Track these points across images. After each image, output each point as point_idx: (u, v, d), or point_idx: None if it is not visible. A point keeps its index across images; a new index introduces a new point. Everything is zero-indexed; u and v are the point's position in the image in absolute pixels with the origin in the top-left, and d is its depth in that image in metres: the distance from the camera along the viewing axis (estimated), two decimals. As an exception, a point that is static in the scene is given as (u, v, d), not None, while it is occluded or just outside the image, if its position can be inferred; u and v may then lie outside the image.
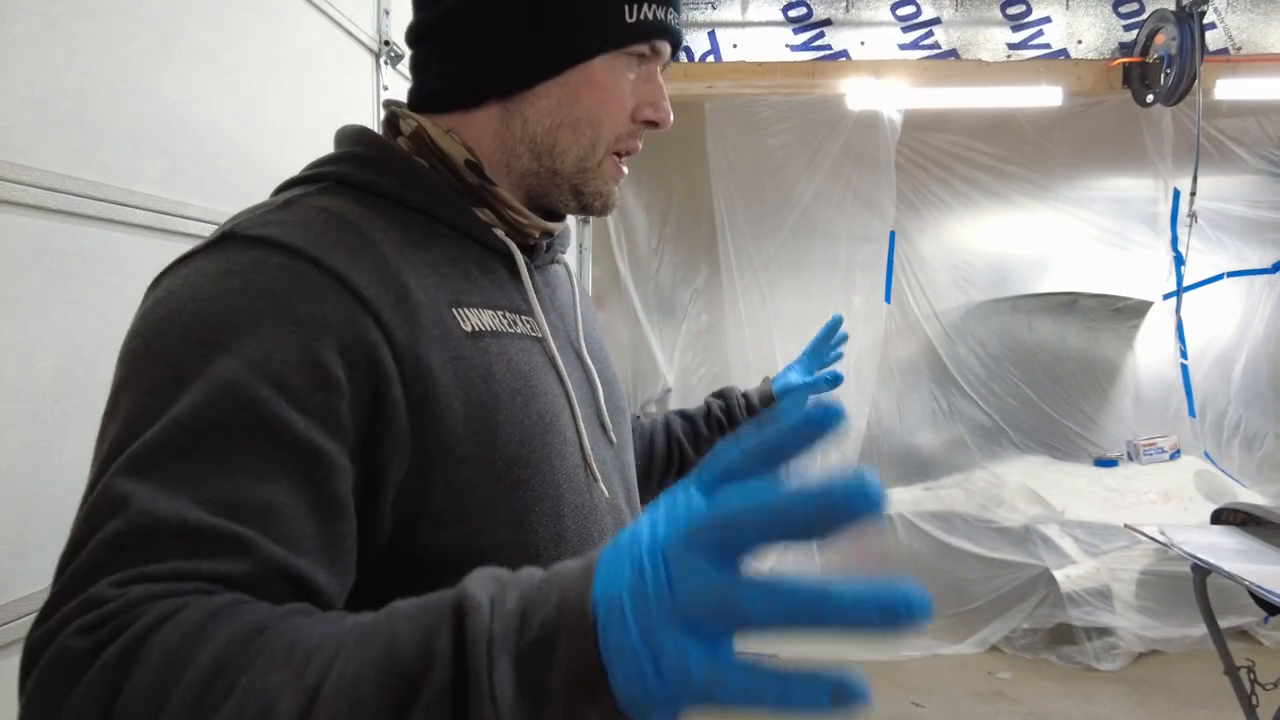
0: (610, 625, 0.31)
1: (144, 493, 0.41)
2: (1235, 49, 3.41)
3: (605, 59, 0.60)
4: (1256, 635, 3.04)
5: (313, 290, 0.48)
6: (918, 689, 2.81)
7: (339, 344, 0.47)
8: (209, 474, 0.42)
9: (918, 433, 3.64)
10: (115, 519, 0.40)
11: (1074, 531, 3.07)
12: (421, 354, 0.51)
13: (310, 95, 1.39)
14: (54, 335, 0.89)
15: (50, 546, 0.88)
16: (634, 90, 0.62)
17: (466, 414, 0.52)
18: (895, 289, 3.60)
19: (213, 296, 0.47)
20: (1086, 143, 3.53)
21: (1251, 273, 3.58)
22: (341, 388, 0.47)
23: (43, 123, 0.87)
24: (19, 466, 0.85)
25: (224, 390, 0.44)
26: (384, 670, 0.33)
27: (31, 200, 0.86)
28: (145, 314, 0.50)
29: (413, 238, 0.56)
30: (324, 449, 0.45)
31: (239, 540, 0.41)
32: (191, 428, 0.43)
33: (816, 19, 3.53)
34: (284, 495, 0.44)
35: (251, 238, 0.50)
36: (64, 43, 0.90)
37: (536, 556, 0.55)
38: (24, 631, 0.85)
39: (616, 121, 0.62)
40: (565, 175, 0.62)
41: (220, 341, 0.45)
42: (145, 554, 0.40)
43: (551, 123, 0.61)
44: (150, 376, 0.46)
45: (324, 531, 0.45)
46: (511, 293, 0.61)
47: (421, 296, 0.53)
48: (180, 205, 1.08)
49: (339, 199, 0.55)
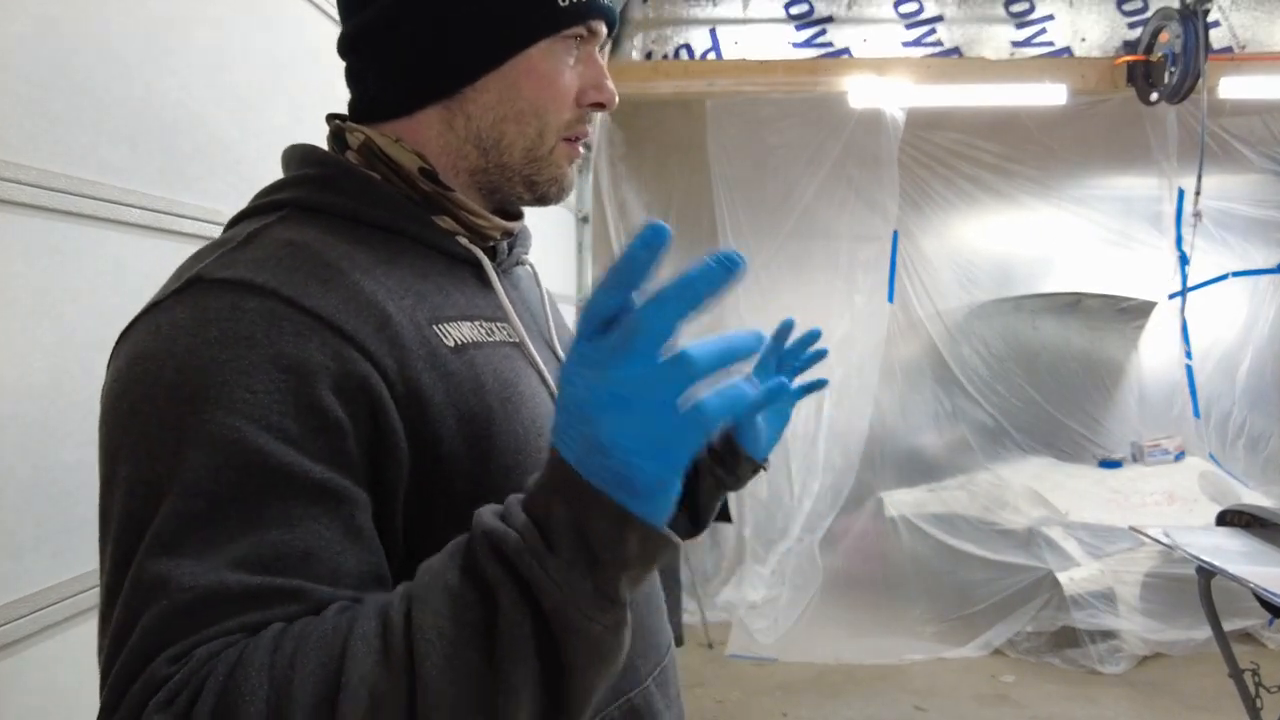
0: (585, 460, 0.38)
1: (180, 569, 0.41)
2: (1240, 47, 3.40)
3: (543, 46, 0.58)
4: (1261, 638, 3.02)
5: (294, 332, 0.47)
6: (921, 692, 2.80)
7: (331, 383, 0.47)
8: (239, 536, 0.42)
9: (921, 434, 3.63)
10: (156, 603, 0.40)
11: (1078, 533, 3.05)
12: (411, 378, 0.50)
13: (310, 95, 1.38)
14: (51, 335, 0.89)
15: (45, 547, 0.88)
16: (576, 74, 0.61)
17: (461, 430, 0.52)
18: (898, 288, 3.59)
19: (191, 349, 0.45)
20: (1090, 141, 3.51)
21: (1256, 272, 3.56)
22: (344, 426, 0.47)
23: (41, 121, 0.87)
24: (15, 467, 0.85)
25: (231, 449, 0.43)
26: (456, 610, 0.38)
27: (30, 200, 0.85)
28: (122, 373, 0.48)
29: (380, 257, 0.55)
30: (342, 488, 0.46)
31: (286, 591, 0.42)
32: (210, 494, 0.43)
33: (819, 16, 3.51)
34: (315, 538, 0.44)
35: (221, 281, 0.48)
36: (64, 43, 0.90)
37: None
38: (20, 633, 0.84)
39: (561, 107, 0.60)
40: (515, 168, 0.61)
41: (211, 397, 0.44)
42: (194, 627, 0.40)
43: (495, 116, 0.59)
44: (146, 443, 0.45)
45: (359, 566, 0.46)
46: (483, 300, 0.61)
47: (401, 319, 0.52)
48: (179, 205, 1.08)
49: (300, 228, 0.54)
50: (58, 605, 0.89)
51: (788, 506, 3.44)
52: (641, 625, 0.62)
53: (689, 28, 3.56)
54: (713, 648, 3.19)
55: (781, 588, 3.34)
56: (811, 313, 3.50)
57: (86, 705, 0.90)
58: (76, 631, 0.91)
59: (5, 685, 0.83)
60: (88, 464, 0.91)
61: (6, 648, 0.83)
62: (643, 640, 0.63)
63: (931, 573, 3.23)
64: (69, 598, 0.90)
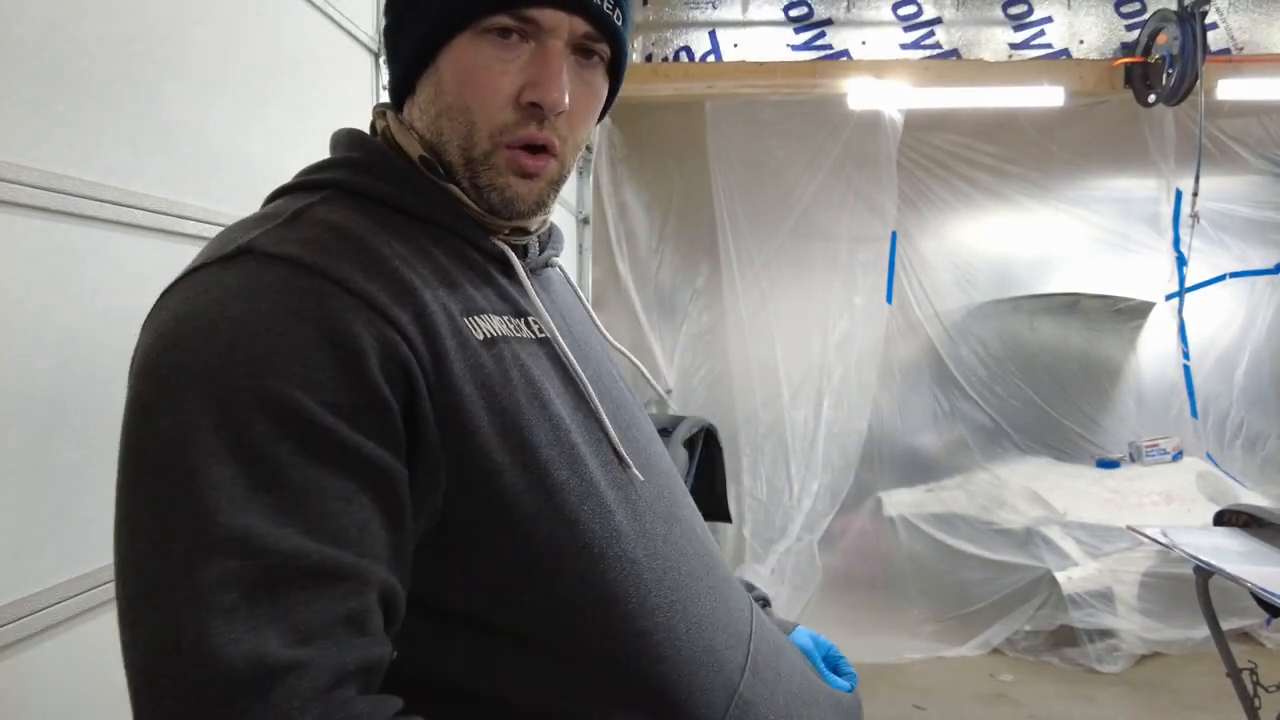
0: None
1: (258, 529, 0.41)
2: (1237, 49, 3.41)
3: (467, 40, 0.55)
4: (1259, 637, 3.03)
5: (343, 311, 0.48)
6: (919, 691, 2.80)
7: (379, 363, 0.48)
8: (310, 503, 0.43)
9: (919, 434, 3.64)
10: (237, 557, 0.41)
11: (1076, 533, 3.06)
12: (444, 369, 0.51)
13: (310, 95, 1.38)
14: (53, 336, 0.89)
15: (48, 548, 0.88)
16: (516, 71, 0.56)
17: (494, 423, 0.52)
18: (897, 289, 3.60)
19: (245, 316, 0.46)
20: (1088, 143, 3.52)
21: (1254, 273, 3.57)
22: (391, 405, 0.48)
23: (42, 123, 0.87)
24: (17, 469, 0.85)
25: (289, 417, 0.44)
26: None
27: (31, 200, 0.85)
28: (168, 328, 0.47)
29: (417, 246, 0.56)
30: (391, 465, 0.47)
31: (355, 572, 0.44)
32: (276, 460, 0.43)
33: (817, 18, 3.52)
34: (368, 512, 0.45)
35: (273, 255, 0.49)
36: (64, 43, 0.90)
37: (600, 555, 0.54)
38: (23, 633, 0.85)
39: (489, 105, 0.56)
40: (458, 169, 0.58)
41: (269, 366, 0.45)
42: (276, 598, 0.41)
43: (435, 111, 0.58)
44: (200, 399, 0.44)
45: (394, 540, 0.47)
46: (512, 295, 0.61)
47: (436, 309, 0.52)
48: (180, 205, 1.08)
49: (343, 210, 0.55)
50: (60, 605, 0.89)
51: (787, 506, 3.44)
52: (709, 619, 0.59)
53: (689, 30, 3.56)
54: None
55: (781, 587, 3.35)
56: (810, 313, 3.50)
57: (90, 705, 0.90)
58: (80, 632, 0.91)
59: (7, 685, 0.83)
60: (90, 464, 0.92)
61: (9, 648, 0.83)
62: (720, 632, 0.59)
63: (930, 572, 3.24)
64: (71, 597, 0.91)
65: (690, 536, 0.63)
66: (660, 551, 0.58)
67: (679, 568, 0.59)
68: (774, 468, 3.45)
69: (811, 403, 3.45)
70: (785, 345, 3.48)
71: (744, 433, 3.47)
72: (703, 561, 0.63)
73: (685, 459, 2.70)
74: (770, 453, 3.46)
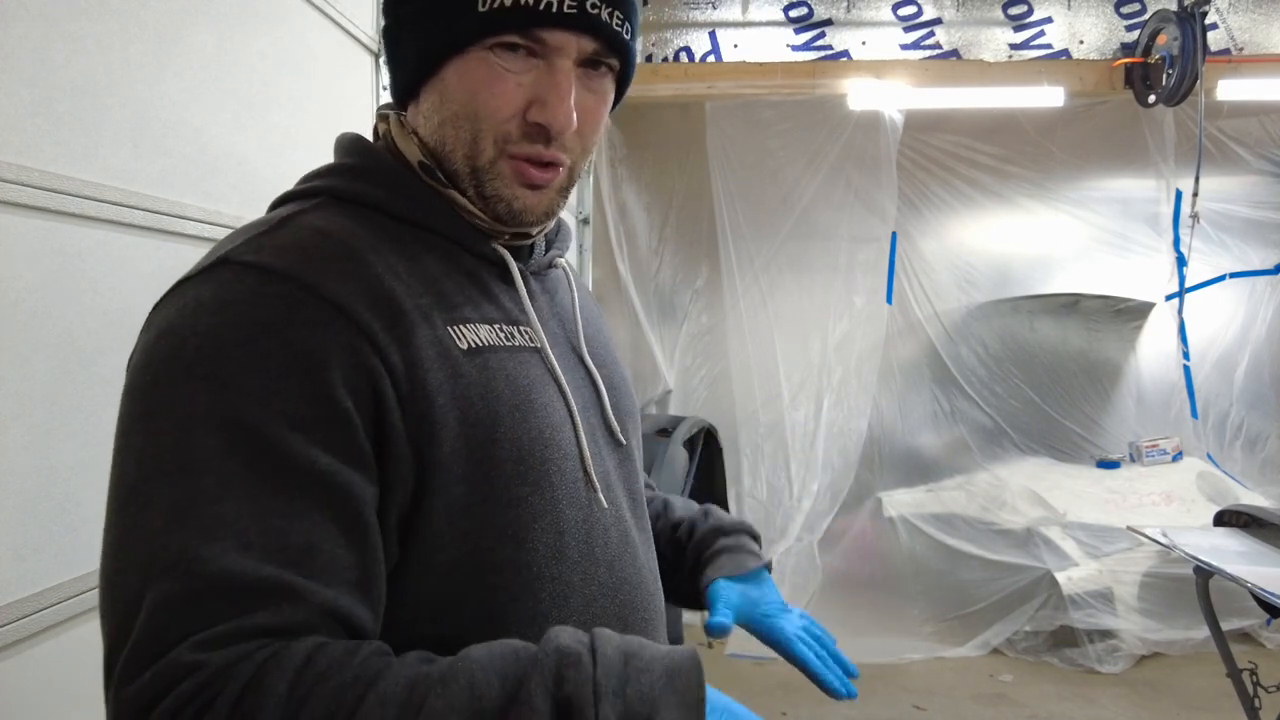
0: None
1: (191, 548, 0.42)
2: (1237, 49, 3.41)
3: (476, 51, 0.55)
4: (1259, 638, 3.03)
5: (311, 320, 0.48)
6: (919, 691, 2.80)
7: (342, 373, 0.48)
8: (248, 519, 0.44)
9: (919, 434, 3.64)
10: (167, 578, 0.42)
11: (1076, 533, 3.06)
12: (417, 377, 0.50)
13: (310, 96, 1.38)
14: (54, 336, 0.89)
15: (48, 549, 0.88)
16: (525, 86, 0.56)
17: (463, 433, 0.52)
18: (897, 290, 3.60)
19: (211, 330, 0.47)
20: (1088, 143, 3.52)
21: (1254, 274, 3.57)
22: (352, 418, 0.48)
23: (43, 123, 0.87)
24: (18, 468, 0.85)
25: (241, 432, 0.45)
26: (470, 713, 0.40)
27: (31, 200, 0.85)
28: (149, 346, 0.49)
29: (406, 253, 0.55)
30: (348, 480, 0.47)
31: (290, 589, 0.43)
32: (220, 473, 0.44)
33: (817, 19, 3.52)
34: (320, 531, 0.45)
35: (245, 264, 0.49)
36: (64, 43, 0.90)
37: (538, 575, 0.54)
38: (23, 633, 0.85)
39: (495, 116, 0.56)
40: (462, 176, 0.58)
41: (226, 379, 0.46)
42: (204, 615, 0.42)
43: (440, 119, 0.58)
44: (161, 416, 0.46)
45: (359, 560, 0.47)
46: (506, 302, 0.60)
47: (415, 317, 0.52)
48: (179, 206, 1.08)
49: (332, 216, 0.55)
50: (60, 605, 0.89)
51: (787, 507, 3.45)
52: None
53: (689, 31, 3.56)
54: (712, 647, 3.19)
55: (781, 587, 3.34)
56: (810, 313, 3.51)
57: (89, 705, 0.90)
58: (79, 632, 0.92)
59: (8, 685, 0.83)
60: (90, 464, 0.92)
61: (9, 647, 0.83)
62: None
63: (930, 572, 3.24)
64: (71, 598, 0.91)
65: (634, 565, 0.62)
66: (597, 577, 0.58)
67: (614, 596, 0.59)
68: (774, 468, 3.46)
69: (811, 403, 3.45)
70: (785, 345, 3.48)
71: (744, 433, 3.47)
72: (643, 591, 0.63)
73: (685, 459, 2.70)
74: (770, 453, 3.46)
